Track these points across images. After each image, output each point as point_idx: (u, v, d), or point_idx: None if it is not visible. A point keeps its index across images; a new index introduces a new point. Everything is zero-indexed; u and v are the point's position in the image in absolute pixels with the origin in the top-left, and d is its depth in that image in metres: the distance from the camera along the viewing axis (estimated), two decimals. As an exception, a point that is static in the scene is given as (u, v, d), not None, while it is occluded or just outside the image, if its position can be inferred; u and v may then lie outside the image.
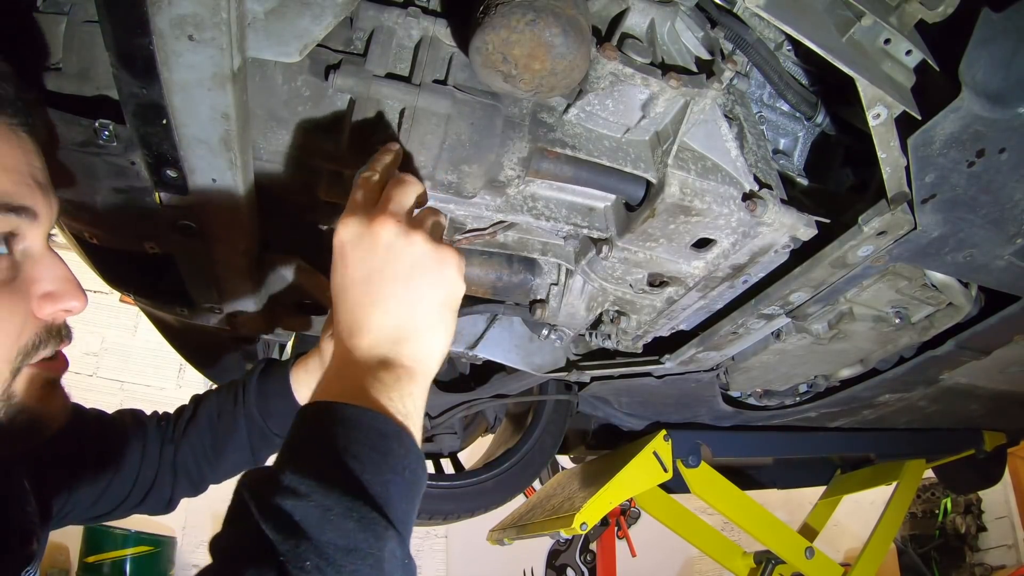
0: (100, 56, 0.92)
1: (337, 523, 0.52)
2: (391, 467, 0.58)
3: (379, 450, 0.57)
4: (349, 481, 0.55)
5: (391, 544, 0.56)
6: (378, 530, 0.55)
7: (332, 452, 0.56)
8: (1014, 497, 5.52)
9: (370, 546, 0.54)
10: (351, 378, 0.63)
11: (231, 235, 1.09)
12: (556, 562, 5.75)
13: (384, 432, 0.58)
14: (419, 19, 1.00)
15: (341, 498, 0.53)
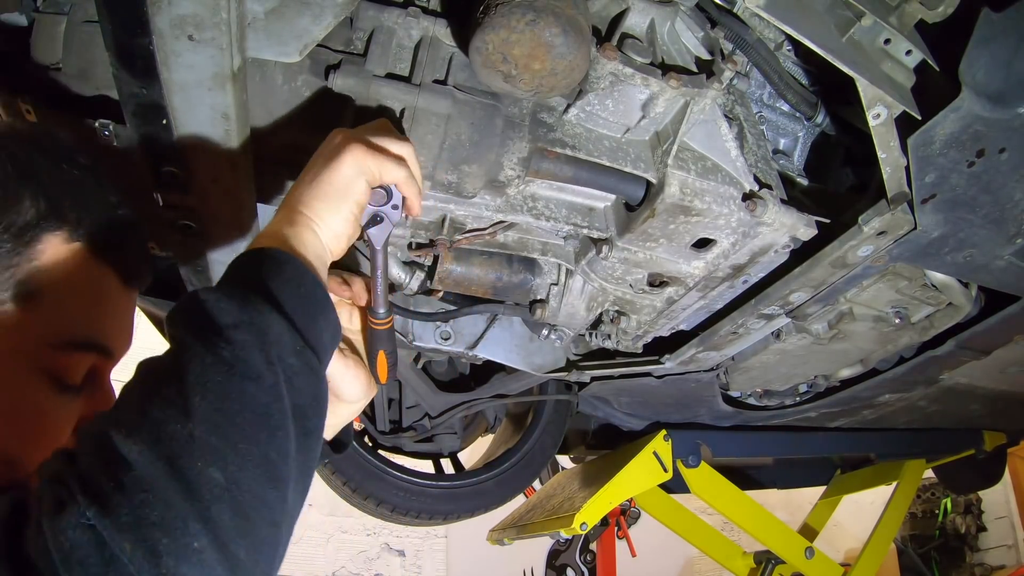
0: (100, 56, 0.92)
1: (224, 306, 0.63)
2: (282, 280, 0.68)
3: (271, 269, 0.68)
4: (239, 282, 0.67)
5: (276, 325, 0.64)
6: (260, 308, 0.64)
7: (238, 273, 0.69)
8: (1014, 497, 5.52)
9: (251, 318, 0.63)
10: (271, 227, 0.76)
11: (231, 235, 1.09)
12: (556, 562, 5.75)
13: (276, 258, 0.70)
14: (419, 19, 1.00)
15: (230, 290, 0.65)
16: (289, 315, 0.65)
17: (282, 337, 0.64)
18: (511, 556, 5.33)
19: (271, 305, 0.64)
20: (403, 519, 2.07)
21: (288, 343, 0.64)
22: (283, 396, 0.61)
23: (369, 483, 1.96)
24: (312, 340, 0.67)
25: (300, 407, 0.63)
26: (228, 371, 0.59)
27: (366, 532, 5.66)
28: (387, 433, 2.07)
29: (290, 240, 0.74)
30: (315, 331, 0.69)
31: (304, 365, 0.65)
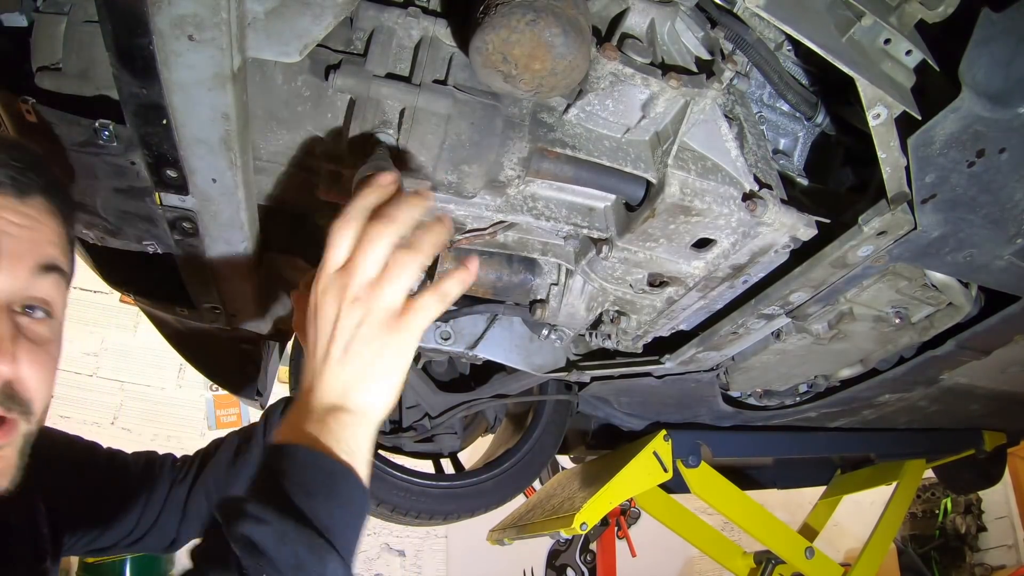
0: (100, 56, 0.92)
1: (290, 546, 0.64)
2: (336, 500, 0.69)
3: (326, 486, 0.69)
4: (300, 512, 0.67)
5: (333, 565, 0.66)
6: (323, 553, 0.66)
7: (288, 487, 0.68)
8: (1014, 497, 5.53)
9: (314, 565, 0.65)
10: (307, 422, 0.74)
11: (231, 235, 1.09)
12: (556, 562, 5.75)
13: (331, 471, 0.70)
14: (419, 19, 1.00)
15: (294, 525, 0.65)
16: (342, 549, 0.68)
17: (336, 574, 0.66)
18: (511, 556, 5.34)
19: (331, 544, 0.66)
20: (403, 519, 2.07)
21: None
22: None
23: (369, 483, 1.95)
24: (353, 560, 0.70)
25: None
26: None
27: (366, 532, 5.65)
28: (387, 433, 2.07)
29: (347, 441, 0.73)
30: (356, 547, 0.72)
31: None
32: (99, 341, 5.41)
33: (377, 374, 0.75)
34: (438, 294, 0.80)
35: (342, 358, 0.75)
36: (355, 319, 0.75)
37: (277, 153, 1.00)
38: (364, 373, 0.75)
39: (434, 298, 0.79)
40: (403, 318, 0.76)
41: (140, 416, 5.27)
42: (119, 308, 5.33)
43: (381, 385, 0.75)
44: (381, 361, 0.75)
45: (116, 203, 1.07)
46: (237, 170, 0.93)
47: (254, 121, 0.95)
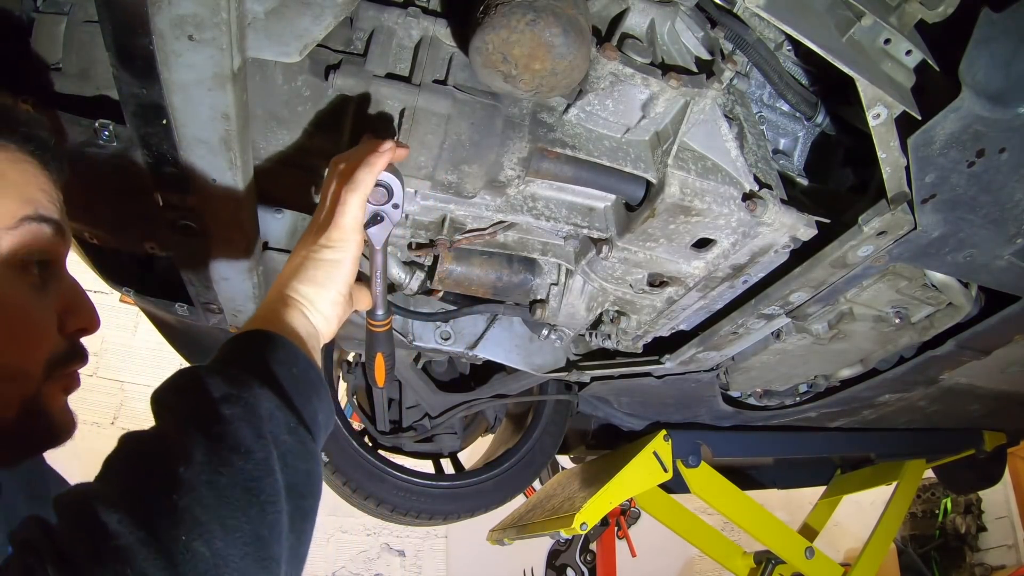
0: (100, 56, 0.93)
1: (215, 382, 0.62)
2: (273, 360, 0.68)
3: (262, 349, 0.69)
4: (231, 362, 0.67)
5: (266, 402, 0.63)
6: (250, 384, 0.63)
7: (229, 353, 0.70)
8: (1014, 497, 5.52)
9: (240, 392, 0.62)
10: (263, 310, 0.78)
11: (231, 235, 1.09)
12: (556, 562, 5.75)
13: (268, 339, 0.71)
14: (419, 19, 1.00)
15: (220, 370, 0.65)
16: (281, 393, 0.65)
17: (274, 414, 0.63)
18: (511, 556, 5.33)
19: (262, 381, 0.64)
20: (403, 519, 2.07)
21: (281, 420, 0.63)
22: (275, 472, 0.59)
23: (369, 483, 1.96)
24: (307, 419, 0.67)
25: (294, 485, 0.61)
26: (216, 444, 0.57)
27: (366, 532, 5.66)
28: (387, 433, 2.07)
29: (282, 323, 0.75)
30: (309, 411, 0.68)
31: (298, 443, 0.64)
32: (99, 341, 5.41)
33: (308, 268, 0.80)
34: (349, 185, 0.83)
35: (290, 260, 0.83)
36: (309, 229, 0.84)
37: (277, 153, 1.00)
38: (297, 268, 0.80)
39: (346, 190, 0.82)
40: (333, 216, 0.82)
41: (140, 416, 5.27)
42: (119, 308, 5.33)
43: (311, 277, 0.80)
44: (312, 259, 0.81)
45: (116, 203, 1.07)
46: (237, 170, 0.93)
47: (254, 121, 0.95)
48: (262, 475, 0.58)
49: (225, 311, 1.36)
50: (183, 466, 0.54)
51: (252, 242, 1.14)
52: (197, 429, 0.58)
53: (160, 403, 0.63)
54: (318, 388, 0.72)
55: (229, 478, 0.56)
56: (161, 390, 0.65)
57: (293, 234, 1.34)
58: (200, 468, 0.55)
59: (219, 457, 0.56)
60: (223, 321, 1.41)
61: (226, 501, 0.54)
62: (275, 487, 0.59)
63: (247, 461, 0.58)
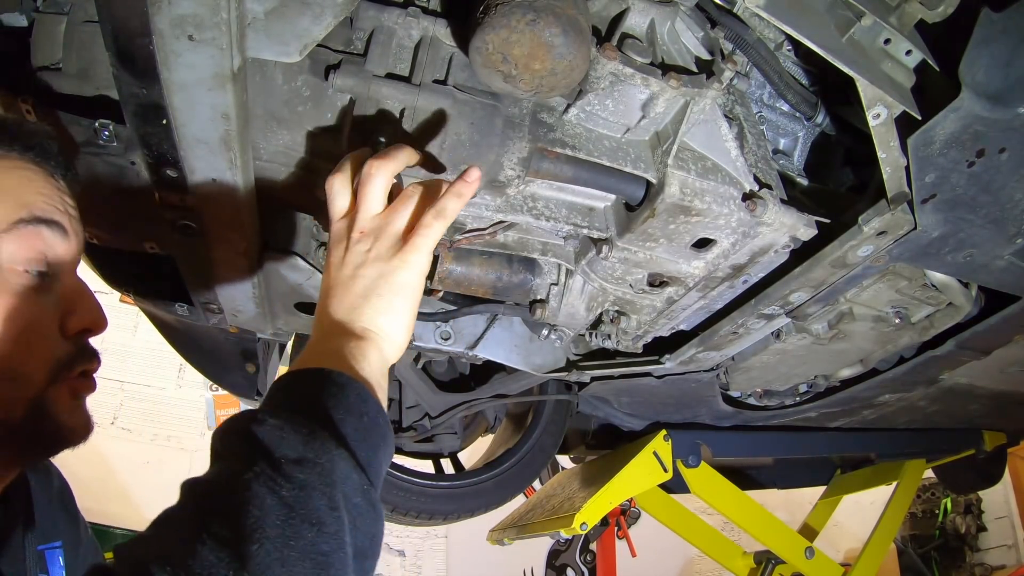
0: (100, 56, 0.92)
1: (287, 438, 0.60)
2: (345, 409, 0.65)
3: (334, 395, 0.65)
4: (305, 413, 0.63)
5: (342, 463, 0.61)
6: (327, 446, 0.61)
7: (295, 396, 0.66)
8: (1014, 497, 5.52)
9: (317, 456, 0.59)
10: (318, 344, 0.74)
11: (231, 235, 1.09)
12: (556, 562, 5.75)
13: (340, 383, 0.67)
14: (419, 19, 1.00)
15: (295, 420, 0.62)
16: (354, 450, 0.62)
17: (349, 476, 0.61)
18: (511, 556, 5.34)
19: (336, 440, 0.62)
20: (403, 519, 2.07)
21: (355, 482, 0.61)
22: (345, 543, 0.58)
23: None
24: (374, 475, 0.65)
25: (361, 549, 0.60)
26: (288, 514, 0.55)
27: (366, 532, 5.65)
28: (387, 433, 2.06)
29: (355, 360, 0.70)
30: (376, 464, 0.66)
31: (368, 505, 0.62)
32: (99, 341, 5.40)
33: (384, 294, 0.74)
34: (436, 210, 0.80)
35: (349, 282, 0.76)
36: (364, 247, 0.77)
37: (277, 153, 1.00)
38: (370, 293, 0.74)
39: (433, 214, 0.79)
40: (409, 239, 0.77)
41: (140, 416, 5.28)
42: (119, 308, 5.33)
43: (389, 305, 0.74)
44: (388, 282, 0.75)
45: (116, 203, 1.07)
46: (237, 170, 0.93)
47: (254, 121, 0.95)
48: (332, 549, 0.56)
49: (225, 311, 1.36)
50: (255, 543, 0.52)
51: (252, 242, 1.14)
52: (270, 494, 0.55)
53: (226, 449, 0.61)
54: (385, 435, 0.69)
55: (299, 552, 0.54)
56: (227, 434, 0.62)
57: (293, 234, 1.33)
58: (271, 544, 0.53)
59: (291, 528, 0.55)
60: (223, 321, 1.41)
61: (291, 572, 0.53)
62: (344, 559, 0.57)
63: (319, 534, 0.56)
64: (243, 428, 0.61)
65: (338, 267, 0.78)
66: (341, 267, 0.78)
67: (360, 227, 0.79)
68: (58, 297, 0.75)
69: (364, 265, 0.76)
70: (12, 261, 0.70)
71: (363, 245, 0.78)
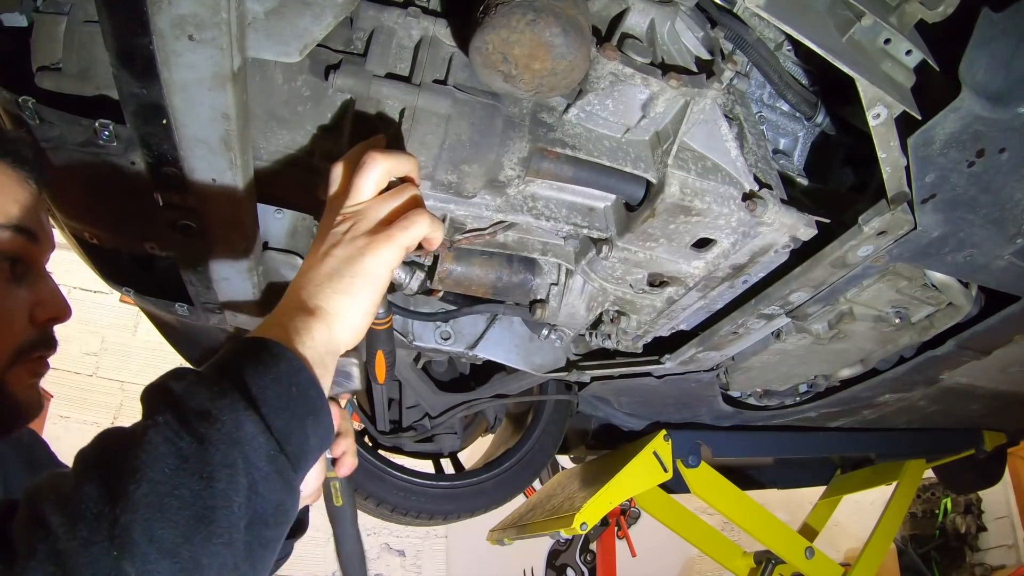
0: (100, 56, 0.92)
1: (197, 393, 0.60)
2: (274, 376, 0.64)
3: (264, 363, 0.65)
4: (226, 375, 0.63)
5: (249, 426, 0.60)
6: (235, 405, 0.60)
7: (226, 359, 0.66)
8: (1014, 497, 5.53)
9: (221, 413, 0.59)
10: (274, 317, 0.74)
11: (231, 235, 1.09)
12: (556, 562, 5.76)
13: (275, 352, 0.66)
14: (419, 19, 1.00)
15: (210, 379, 0.62)
16: (268, 417, 0.62)
17: (256, 438, 0.60)
18: (511, 556, 5.34)
19: (246, 401, 0.61)
20: (403, 519, 2.07)
21: (261, 445, 0.60)
22: (234, 503, 0.57)
23: (369, 483, 1.96)
24: (291, 445, 0.63)
25: (261, 514, 0.59)
26: (180, 464, 0.55)
27: (366, 532, 5.63)
28: (387, 433, 2.07)
29: (298, 334, 0.70)
30: (299, 435, 0.65)
31: (275, 472, 0.61)
32: (99, 341, 5.42)
33: (345, 276, 0.75)
34: (430, 214, 0.80)
35: (319, 261, 0.76)
36: (342, 229, 0.78)
37: (277, 153, 1.00)
38: (333, 273, 0.75)
39: (418, 212, 0.79)
40: (385, 230, 0.77)
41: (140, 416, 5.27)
42: (119, 308, 5.33)
43: (348, 287, 0.74)
44: (351, 266, 0.75)
45: (116, 203, 1.07)
46: (237, 170, 0.93)
47: (254, 121, 0.95)
48: (218, 504, 0.56)
49: (225, 311, 1.36)
50: (136, 483, 0.53)
51: (252, 242, 1.14)
52: (165, 442, 0.56)
53: (145, 400, 0.62)
54: (316, 409, 0.68)
55: (180, 501, 0.54)
56: (151, 387, 0.63)
57: (293, 234, 1.34)
58: (153, 487, 0.53)
59: (178, 478, 0.55)
60: (223, 321, 1.41)
61: (171, 525, 0.53)
62: (231, 518, 0.56)
63: (206, 488, 0.55)
64: (163, 383, 0.63)
65: (316, 246, 0.79)
66: (319, 246, 0.79)
67: (344, 211, 0.80)
68: (30, 290, 0.83)
69: (337, 246, 0.77)
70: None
71: (342, 227, 0.78)
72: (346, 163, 0.84)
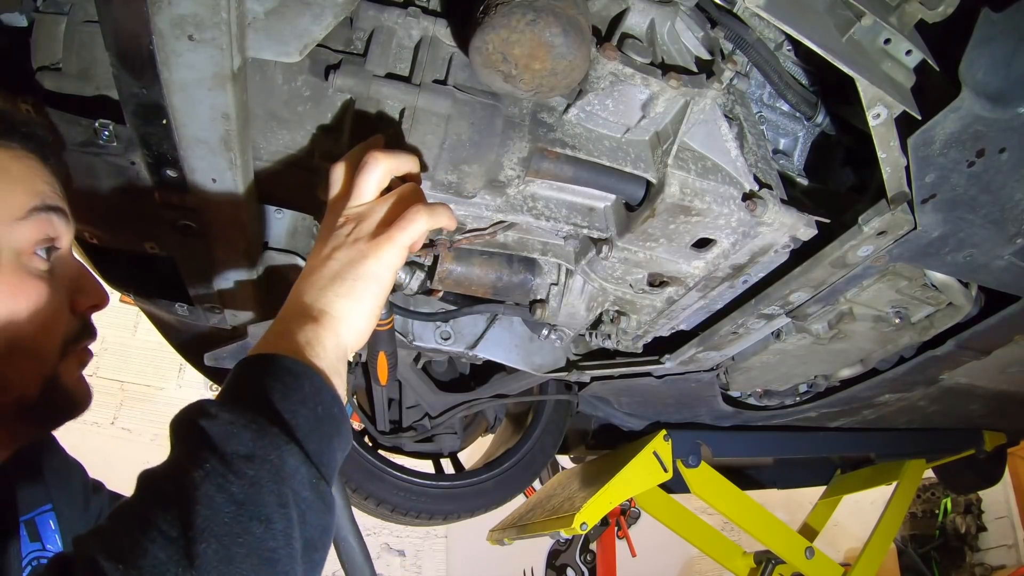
0: (100, 56, 0.93)
1: (237, 434, 0.59)
2: (299, 400, 0.65)
3: (288, 385, 0.65)
4: (256, 407, 0.63)
5: (292, 459, 0.61)
6: (277, 441, 0.60)
7: (246, 386, 0.65)
8: (1014, 497, 5.53)
9: (267, 453, 0.59)
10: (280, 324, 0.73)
11: (231, 235, 1.09)
12: (556, 562, 5.75)
13: (295, 372, 0.66)
14: (419, 19, 1.00)
15: (244, 415, 0.61)
16: (305, 444, 0.62)
17: (298, 471, 0.61)
18: (511, 556, 5.34)
19: (286, 434, 0.61)
20: (403, 519, 2.07)
21: (304, 477, 0.61)
22: (293, 539, 0.58)
23: (369, 483, 1.96)
24: (326, 469, 0.64)
25: (310, 541, 0.60)
26: (237, 512, 0.55)
27: (366, 532, 5.62)
28: (387, 433, 2.07)
29: (311, 346, 0.70)
30: (329, 456, 0.66)
31: (318, 499, 0.62)
32: (99, 341, 5.40)
33: (348, 279, 0.74)
34: (425, 208, 0.79)
35: (322, 264, 0.76)
36: (345, 231, 0.78)
37: (277, 153, 1.00)
38: (336, 276, 0.75)
39: (417, 211, 0.79)
40: (387, 231, 0.77)
41: (140, 416, 5.28)
42: (119, 308, 5.32)
43: (351, 290, 0.74)
44: (354, 268, 0.75)
45: (116, 203, 1.07)
46: (237, 170, 0.93)
47: (254, 121, 0.95)
48: (280, 545, 0.56)
49: (225, 311, 1.36)
50: (202, 542, 0.53)
51: (252, 242, 1.14)
52: (219, 492, 0.55)
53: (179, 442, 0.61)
54: (340, 425, 0.68)
55: (247, 549, 0.54)
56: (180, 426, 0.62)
57: (293, 234, 1.34)
58: (218, 542, 0.53)
59: (239, 526, 0.55)
60: (223, 321, 1.41)
61: (239, 570, 0.53)
62: (292, 555, 0.57)
63: (267, 531, 0.56)
64: (195, 423, 0.61)
65: (318, 249, 0.79)
66: (321, 249, 0.78)
67: (346, 212, 0.80)
68: (64, 277, 0.81)
69: (339, 248, 0.77)
70: (29, 244, 0.76)
71: (344, 230, 0.78)
72: (347, 163, 0.84)
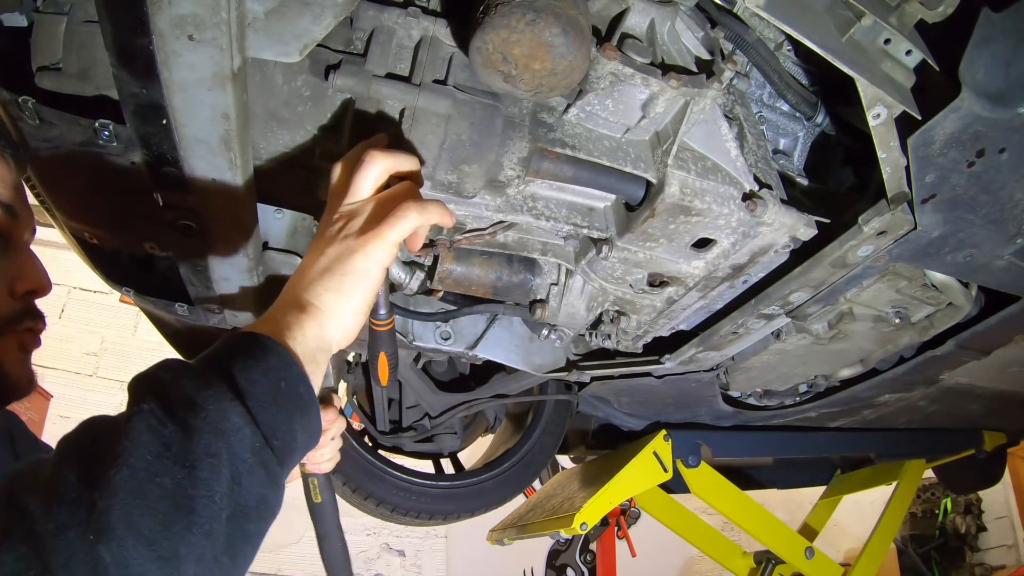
0: (100, 56, 0.93)
1: (184, 384, 0.60)
2: (263, 370, 0.64)
3: (255, 356, 0.65)
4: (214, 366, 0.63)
5: (235, 417, 0.60)
6: (221, 396, 0.60)
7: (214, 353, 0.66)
8: (1014, 497, 5.52)
9: (207, 403, 0.58)
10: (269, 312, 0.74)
11: (231, 235, 1.09)
12: (556, 562, 5.75)
13: (266, 346, 0.66)
14: (419, 19, 1.00)
15: (197, 370, 0.62)
16: (255, 410, 0.61)
17: (241, 431, 0.60)
18: (511, 556, 5.33)
19: (233, 393, 0.61)
20: (403, 519, 2.07)
21: (247, 438, 0.60)
22: (216, 493, 0.56)
23: (369, 483, 1.96)
24: (278, 443, 0.63)
25: (243, 507, 0.59)
26: (162, 451, 0.55)
27: (366, 532, 5.66)
28: (387, 433, 2.07)
29: (289, 329, 0.70)
30: (286, 432, 0.65)
31: (259, 465, 0.61)
32: (99, 341, 5.42)
33: (336, 273, 0.75)
34: (416, 205, 0.79)
35: (315, 259, 0.77)
36: (338, 227, 0.79)
37: (277, 153, 1.00)
38: (326, 271, 0.75)
39: (413, 205, 0.79)
40: (377, 228, 0.77)
41: (132, 410, 5.27)
42: (119, 308, 5.33)
43: (339, 284, 0.74)
44: (343, 263, 0.75)
45: (116, 203, 1.07)
46: (237, 170, 0.93)
47: (254, 121, 0.95)
48: (199, 494, 0.55)
49: (225, 311, 1.36)
50: (116, 468, 0.53)
51: (252, 242, 1.14)
52: (148, 430, 0.56)
53: (132, 389, 0.62)
54: (305, 406, 0.67)
55: (161, 489, 0.53)
56: (139, 377, 0.63)
57: (293, 234, 1.34)
58: (133, 474, 0.53)
59: (160, 465, 0.54)
60: (223, 321, 1.41)
61: (151, 512, 0.52)
62: (212, 508, 0.56)
63: (188, 477, 0.55)
64: (151, 372, 0.63)
65: (313, 245, 0.80)
66: (314, 245, 0.79)
67: (340, 210, 0.80)
68: (10, 265, 0.83)
69: (330, 244, 0.77)
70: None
71: (336, 226, 0.79)
72: (346, 163, 0.84)
